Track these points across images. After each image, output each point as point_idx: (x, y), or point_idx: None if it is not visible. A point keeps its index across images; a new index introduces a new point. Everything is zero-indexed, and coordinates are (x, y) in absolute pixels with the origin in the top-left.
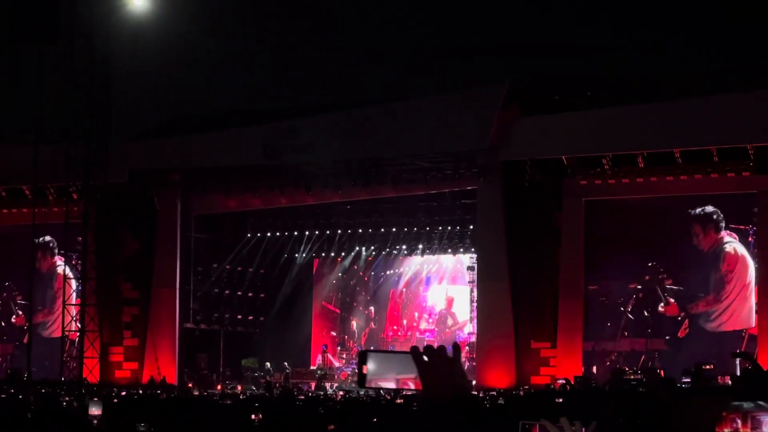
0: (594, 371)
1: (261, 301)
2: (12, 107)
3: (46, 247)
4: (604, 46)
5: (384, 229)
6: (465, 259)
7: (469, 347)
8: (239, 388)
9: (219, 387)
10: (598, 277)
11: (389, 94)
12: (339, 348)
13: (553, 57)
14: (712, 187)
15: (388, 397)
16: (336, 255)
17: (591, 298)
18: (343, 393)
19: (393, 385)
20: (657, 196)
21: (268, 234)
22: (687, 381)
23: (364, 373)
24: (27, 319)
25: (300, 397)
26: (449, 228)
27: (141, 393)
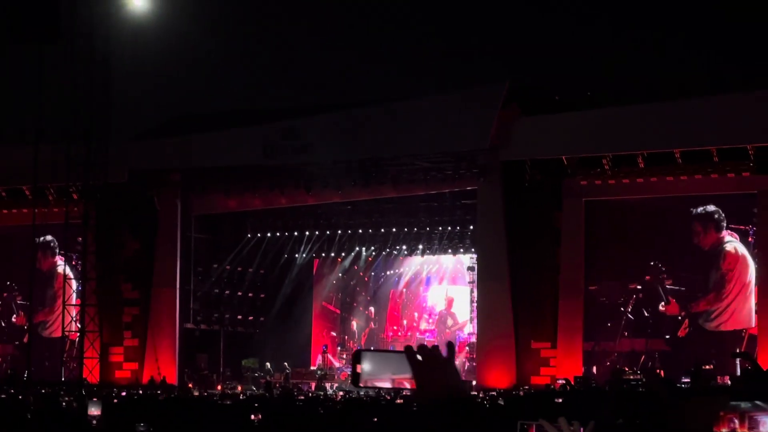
0: (594, 371)
1: (261, 302)
2: (12, 107)
3: (47, 247)
4: (604, 46)
5: (384, 230)
6: (465, 260)
7: (469, 347)
8: (239, 388)
9: (219, 387)
10: (598, 277)
11: (389, 94)
12: (339, 348)
13: (553, 57)
14: (712, 188)
15: (388, 398)
16: (336, 255)
17: (591, 298)
18: (343, 393)
19: (389, 385)
20: (657, 196)
21: (268, 234)
22: (686, 381)
23: (358, 372)
24: (27, 319)
25: (300, 398)
26: (449, 228)
27: (141, 393)
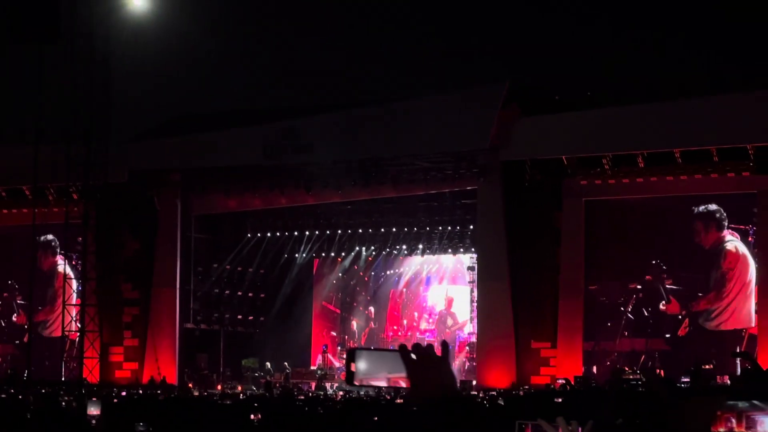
0: (594, 371)
1: (261, 301)
2: (12, 107)
3: (48, 246)
4: (604, 46)
5: (384, 229)
6: (465, 259)
7: (470, 347)
8: (239, 388)
9: (219, 387)
10: (598, 277)
11: (389, 94)
12: (339, 348)
13: (553, 57)
14: (712, 187)
15: (388, 397)
16: (336, 255)
17: (591, 298)
18: (343, 393)
19: (384, 384)
20: (657, 196)
21: (268, 234)
22: (686, 381)
23: (352, 371)
24: (27, 319)
25: (300, 397)
26: (449, 228)
27: (141, 393)
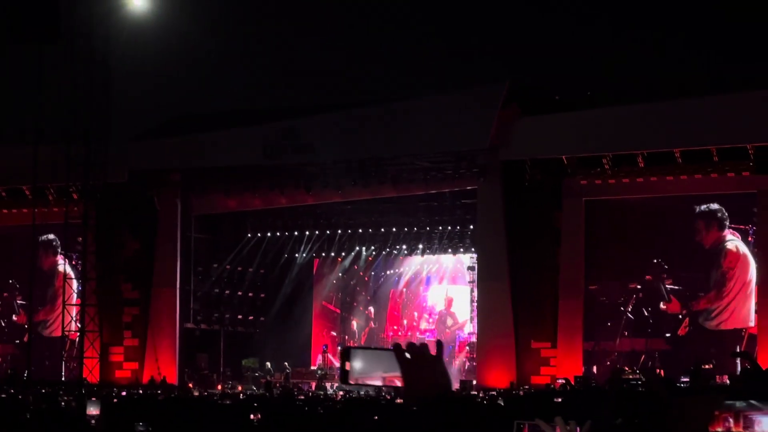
0: (594, 371)
1: (261, 301)
2: (12, 107)
3: (48, 246)
4: (604, 46)
5: (384, 229)
6: (465, 259)
7: (469, 347)
8: (239, 388)
9: (219, 387)
10: (598, 277)
11: (389, 94)
12: (339, 348)
13: (553, 57)
14: (712, 187)
15: (388, 397)
16: (336, 255)
17: (591, 297)
18: (344, 393)
19: (379, 383)
20: (657, 195)
21: (268, 234)
22: (686, 380)
23: (346, 370)
24: (28, 319)
25: (300, 397)
26: (449, 228)
27: (141, 393)
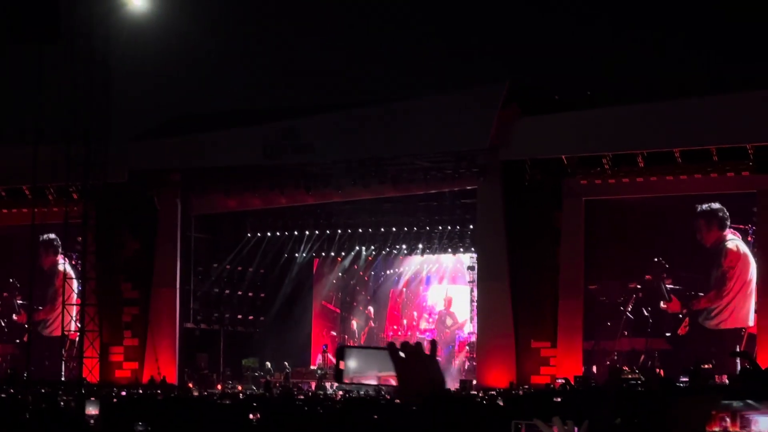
0: (594, 371)
1: (261, 301)
2: (12, 107)
3: (49, 245)
4: (604, 46)
5: (384, 229)
6: (465, 259)
7: (469, 347)
8: (239, 387)
9: (219, 387)
10: (597, 277)
11: (389, 94)
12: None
13: (553, 57)
14: (711, 187)
15: (387, 397)
16: (336, 255)
17: (591, 297)
18: (343, 393)
19: (374, 382)
20: (657, 195)
21: (268, 234)
22: (685, 380)
23: (341, 369)
24: (28, 318)
25: (300, 397)
26: (449, 228)
27: (140, 393)
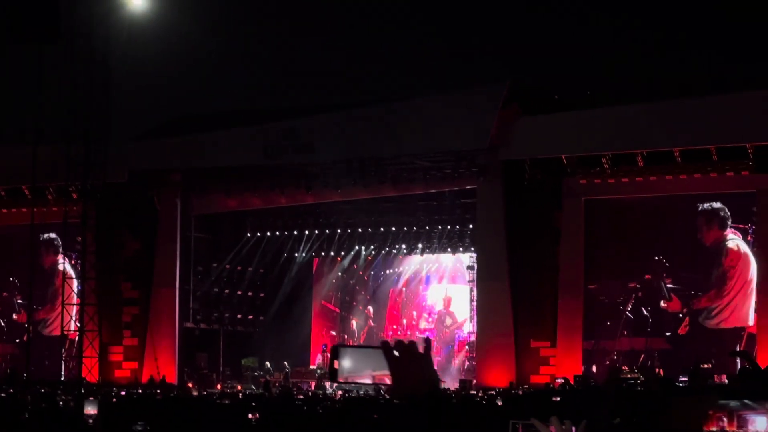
0: (594, 370)
1: (261, 301)
2: (12, 107)
3: (50, 244)
4: (604, 46)
5: (384, 229)
6: (465, 258)
7: (469, 346)
8: (239, 387)
9: (219, 386)
10: (597, 276)
11: (389, 94)
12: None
13: (553, 57)
14: (711, 186)
15: (387, 396)
16: (336, 254)
17: (591, 297)
18: (343, 392)
19: (368, 381)
20: (656, 195)
21: (267, 233)
22: (684, 380)
23: (335, 368)
24: (28, 318)
25: (299, 397)
26: (449, 227)
27: (140, 392)
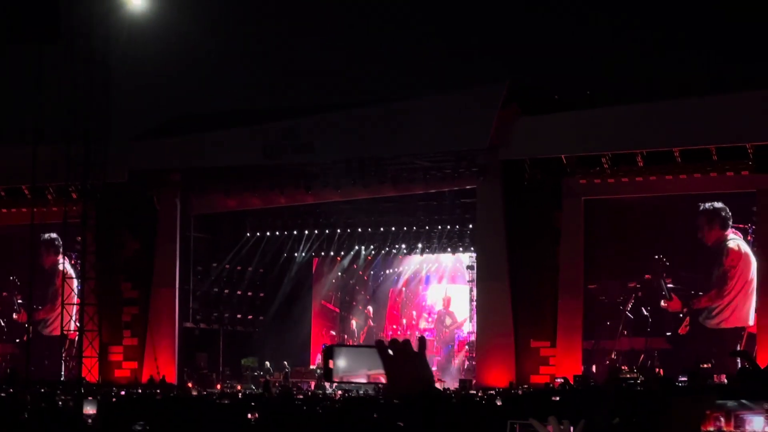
0: (593, 370)
1: (260, 301)
2: (12, 107)
3: (50, 244)
4: (604, 46)
5: (383, 228)
6: (464, 258)
7: (469, 346)
8: (238, 387)
9: (219, 386)
10: (597, 276)
11: (389, 94)
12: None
13: (553, 57)
14: (711, 186)
15: (381, 395)
16: (335, 254)
17: (590, 297)
18: (342, 392)
19: (363, 380)
20: (656, 195)
21: (267, 233)
22: (683, 380)
23: (330, 368)
24: (28, 318)
25: (299, 397)
26: (449, 227)
27: (140, 392)
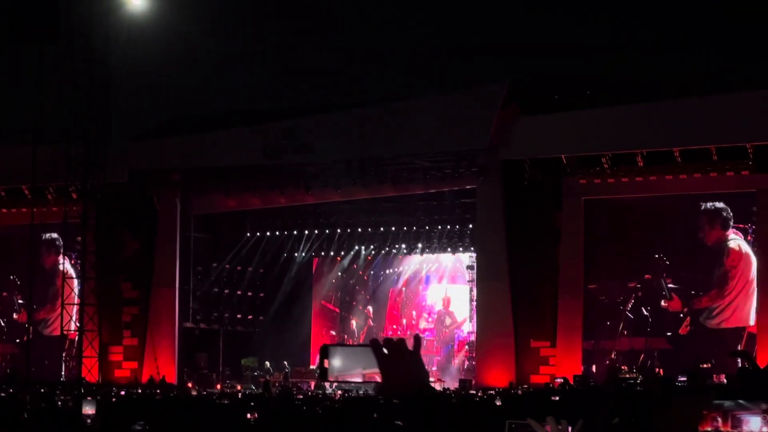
0: (593, 370)
1: (260, 301)
2: (12, 107)
3: (51, 244)
4: (604, 46)
5: (383, 228)
6: (464, 258)
7: (468, 346)
8: (238, 387)
9: (218, 386)
10: (597, 276)
11: (389, 94)
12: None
13: (553, 57)
14: (711, 186)
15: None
16: (335, 254)
17: (590, 297)
18: (342, 392)
19: (359, 380)
20: (656, 195)
21: (267, 233)
22: (683, 380)
23: (325, 368)
24: (28, 318)
25: (299, 397)
26: (449, 227)
27: (140, 392)
